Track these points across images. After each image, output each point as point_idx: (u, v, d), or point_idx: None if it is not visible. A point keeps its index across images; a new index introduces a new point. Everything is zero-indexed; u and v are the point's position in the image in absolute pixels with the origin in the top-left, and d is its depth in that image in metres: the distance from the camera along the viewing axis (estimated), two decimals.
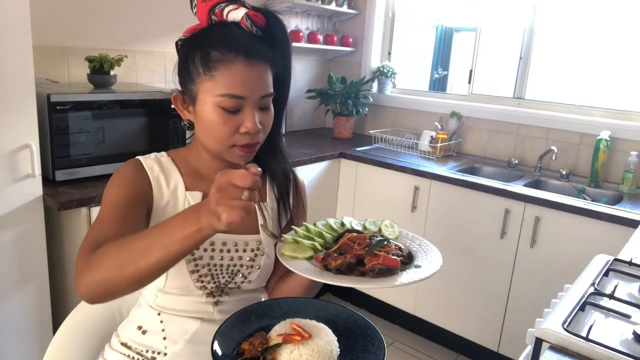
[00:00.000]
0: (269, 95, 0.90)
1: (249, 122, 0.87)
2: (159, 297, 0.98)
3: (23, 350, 1.67)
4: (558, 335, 0.88)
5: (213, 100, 0.86)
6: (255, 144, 0.91)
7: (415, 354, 2.53)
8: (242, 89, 0.86)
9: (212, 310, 0.98)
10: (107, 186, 0.91)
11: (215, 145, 0.91)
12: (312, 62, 3.36)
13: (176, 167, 0.98)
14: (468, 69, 3.00)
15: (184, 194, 0.95)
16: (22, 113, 1.53)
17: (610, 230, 1.94)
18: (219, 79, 0.86)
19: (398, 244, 0.95)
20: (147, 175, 0.94)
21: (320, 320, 0.86)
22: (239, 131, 0.88)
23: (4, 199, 1.54)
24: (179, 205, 0.95)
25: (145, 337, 0.98)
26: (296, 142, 2.93)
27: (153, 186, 0.93)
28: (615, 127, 2.38)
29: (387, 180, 2.59)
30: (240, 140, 0.89)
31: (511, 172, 2.62)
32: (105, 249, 0.76)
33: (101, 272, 0.74)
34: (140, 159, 0.96)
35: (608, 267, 1.18)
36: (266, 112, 0.91)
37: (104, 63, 1.94)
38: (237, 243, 0.99)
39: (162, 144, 1.96)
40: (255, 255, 1.00)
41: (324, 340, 0.80)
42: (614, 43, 2.83)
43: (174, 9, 2.40)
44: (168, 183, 0.95)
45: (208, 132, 0.90)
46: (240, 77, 0.86)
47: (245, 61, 0.86)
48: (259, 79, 0.88)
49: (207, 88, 0.87)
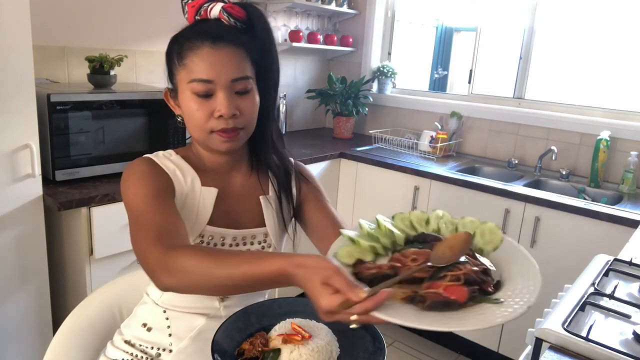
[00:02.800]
0: (242, 79, 0.90)
1: (220, 105, 0.88)
2: (165, 294, 0.98)
3: (23, 351, 1.67)
4: (558, 335, 0.88)
5: (187, 87, 0.90)
6: (233, 129, 0.91)
7: (415, 354, 2.53)
8: (208, 72, 0.88)
9: (219, 306, 0.98)
10: (125, 186, 0.90)
11: (196, 133, 0.93)
12: (312, 62, 3.36)
13: (187, 164, 0.99)
14: (468, 69, 2.99)
15: (200, 189, 0.97)
16: (22, 113, 1.53)
17: (610, 230, 1.94)
18: (190, 66, 0.89)
19: (484, 264, 0.69)
20: (163, 170, 0.95)
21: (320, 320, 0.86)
22: (214, 116, 0.90)
23: (4, 199, 1.54)
24: (195, 199, 0.96)
25: (150, 334, 0.98)
26: (296, 142, 2.93)
27: (173, 180, 0.95)
28: (615, 127, 2.38)
29: (387, 180, 2.59)
30: (216, 126, 0.90)
31: (511, 172, 2.62)
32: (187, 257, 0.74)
33: (185, 280, 0.74)
34: (152, 157, 0.97)
35: (608, 267, 1.18)
36: (244, 96, 0.92)
37: (104, 63, 1.94)
38: (245, 237, 1.00)
39: (162, 144, 1.96)
40: (262, 247, 1.02)
41: (324, 341, 0.80)
42: (613, 43, 2.84)
43: (174, 9, 2.39)
44: (185, 178, 0.97)
45: (188, 121, 0.93)
46: (207, 60, 0.88)
47: (212, 45, 0.88)
48: (227, 62, 0.89)
49: (182, 77, 0.91)
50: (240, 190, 1.02)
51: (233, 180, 1.02)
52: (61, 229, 1.78)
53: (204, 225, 0.96)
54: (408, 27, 3.75)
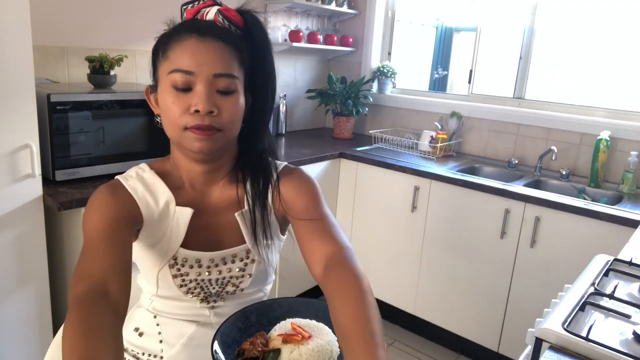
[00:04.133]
0: (225, 76, 0.84)
1: (198, 99, 0.82)
2: (154, 301, 0.97)
3: (23, 351, 1.67)
4: (558, 335, 0.88)
5: (166, 79, 0.84)
6: (208, 127, 0.84)
7: (415, 354, 2.53)
8: (190, 63, 0.82)
9: (209, 313, 0.97)
10: (85, 213, 0.87)
11: (171, 129, 0.87)
12: (312, 62, 3.36)
13: (162, 181, 0.93)
14: (468, 69, 3.00)
15: (174, 209, 0.91)
16: (22, 113, 1.53)
17: (610, 230, 1.94)
18: (172, 57, 0.84)
19: None
20: (130, 196, 0.89)
21: (320, 320, 0.86)
22: (189, 111, 0.83)
23: (4, 199, 1.54)
24: (168, 221, 0.91)
25: (141, 340, 0.97)
26: (296, 142, 2.93)
27: (140, 206, 0.89)
28: (615, 127, 2.38)
29: (387, 180, 2.59)
30: (191, 121, 0.83)
31: (511, 172, 2.62)
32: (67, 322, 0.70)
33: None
34: (121, 181, 0.91)
35: (608, 267, 1.18)
36: (227, 96, 0.85)
37: (104, 63, 1.94)
38: (224, 257, 0.94)
39: (162, 144, 1.95)
40: (245, 264, 0.96)
41: (324, 341, 0.80)
42: (614, 43, 2.84)
43: (174, 9, 2.39)
44: (157, 201, 0.91)
45: (164, 118, 0.87)
46: (190, 50, 0.82)
47: (197, 37, 0.83)
48: (212, 55, 0.83)
49: (163, 69, 0.85)
50: (217, 204, 0.95)
51: (210, 194, 0.95)
52: (61, 229, 1.78)
53: (177, 248, 0.91)
54: (408, 27, 3.75)
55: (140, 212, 0.89)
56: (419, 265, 2.53)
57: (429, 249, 2.48)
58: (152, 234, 0.91)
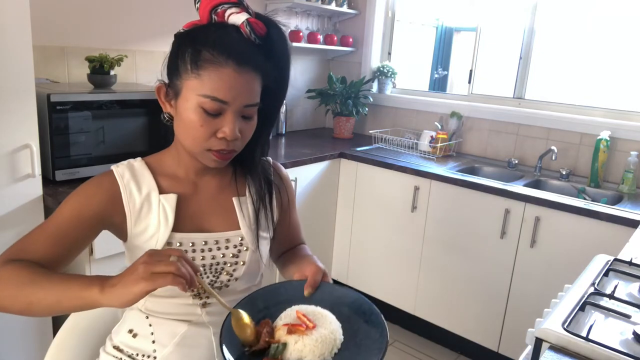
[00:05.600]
0: (253, 105, 0.89)
1: (227, 127, 0.86)
2: (148, 300, 0.97)
3: (23, 351, 1.66)
4: (558, 335, 0.88)
5: (196, 99, 0.85)
6: (230, 152, 0.90)
7: (415, 354, 2.53)
8: (226, 94, 0.84)
9: (200, 312, 0.97)
10: (69, 196, 0.91)
11: (191, 145, 0.90)
12: (312, 62, 3.36)
13: (149, 171, 0.97)
14: (468, 69, 3.00)
15: (158, 197, 0.95)
16: (22, 113, 1.53)
17: (610, 230, 1.94)
18: (206, 79, 0.84)
19: None
20: (116, 183, 0.93)
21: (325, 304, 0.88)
22: (216, 135, 0.87)
23: (4, 199, 1.54)
24: (152, 209, 0.94)
25: (135, 341, 0.97)
26: (296, 142, 2.93)
27: (122, 194, 0.93)
28: (615, 127, 2.38)
29: (387, 180, 2.59)
30: (215, 145, 0.88)
31: (511, 172, 2.62)
32: (16, 269, 0.79)
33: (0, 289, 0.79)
34: (112, 167, 0.96)
35: (608, 267, 1.18)
36: (248, 121, 0.90)
37: (104, 63, 1.94)
38: (218, 241, 0.97)
39: (162, 144, 1.96)
40: (238, 251, 0.99)
41: (327, 330, 0.83)
42: (613, 43, 2.84)
43: (174, 9, 2.40)
44: (139, 188, 0.94)
45: (185, 131, 0.89)
46: (228, 81, 0.84)
47: (236, 67, 0.84)
48: (246, 87, 0.86)
49: (192, 86, 0.85)
50: (214, 191, 1.01)
51: (206, 182, 1.01)
52: None
53: (169, 232, 0.94)
54: (408, 27, 3.75)
55: (122, 202, 0.93)
56: (419, 265, 2.53)
57: (429, 249, 2.48)
58: (138, 222, 0.94)
